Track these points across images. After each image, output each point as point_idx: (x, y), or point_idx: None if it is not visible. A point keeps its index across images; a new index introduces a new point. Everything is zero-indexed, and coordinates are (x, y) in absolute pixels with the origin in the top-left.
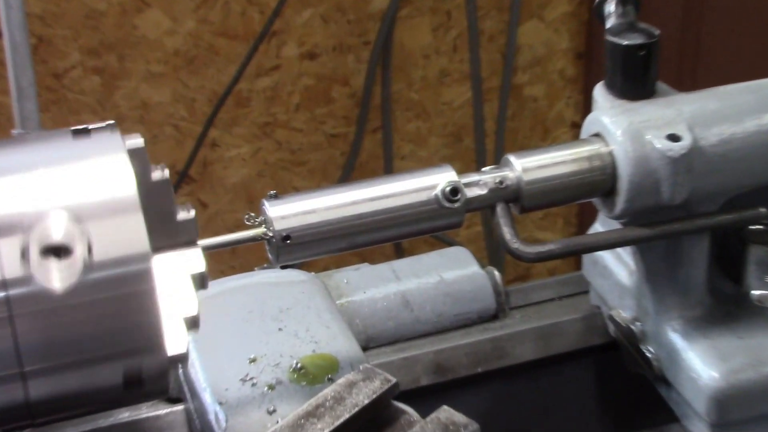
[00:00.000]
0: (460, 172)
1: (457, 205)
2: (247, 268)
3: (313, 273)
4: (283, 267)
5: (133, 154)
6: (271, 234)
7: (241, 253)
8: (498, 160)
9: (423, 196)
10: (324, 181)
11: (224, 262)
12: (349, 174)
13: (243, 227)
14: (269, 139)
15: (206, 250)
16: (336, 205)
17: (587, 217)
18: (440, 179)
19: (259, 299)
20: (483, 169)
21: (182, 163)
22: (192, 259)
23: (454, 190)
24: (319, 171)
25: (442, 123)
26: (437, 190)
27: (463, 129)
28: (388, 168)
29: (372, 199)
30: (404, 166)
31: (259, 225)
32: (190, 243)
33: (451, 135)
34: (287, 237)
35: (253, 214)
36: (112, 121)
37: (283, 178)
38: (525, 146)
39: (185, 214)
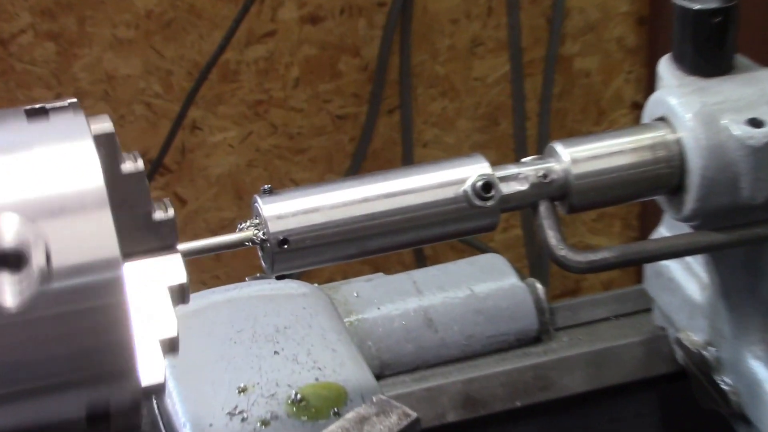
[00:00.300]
0: (495, 163)
1: (490, 203)
2: (235, 278)
3: (316, 284)
4: (280, 277)
5: (101, 140)
6: (264, 237)
7: (228, 260)
8: (541, 149)
9: (449, 193)
10: (329, 173)
11: (207, 270)
12: (359, 164)
13: (229, 228)
14: (262, 121)
15: (186, 256)
16: (344, 202)
17: (650, 219)
18: (470, 172)
19: (250, 316)
20: (523, 159)
21: (156, 149)
22: (170, 268)
23: (488, 186)
24: (324, 160)
25: (474, 102)
26: (467, 185)
27: (499, 110)
28: (408, 157)
29: (387, 196)
30: (427, 155)
31: (251, 226)
32: (168, 248)
33: (485, 117)
34: (284, 241)
35: (245, 223)
36: (73, 99)
37: (280, 168)
38: (575, 132)
39: (162, 214)
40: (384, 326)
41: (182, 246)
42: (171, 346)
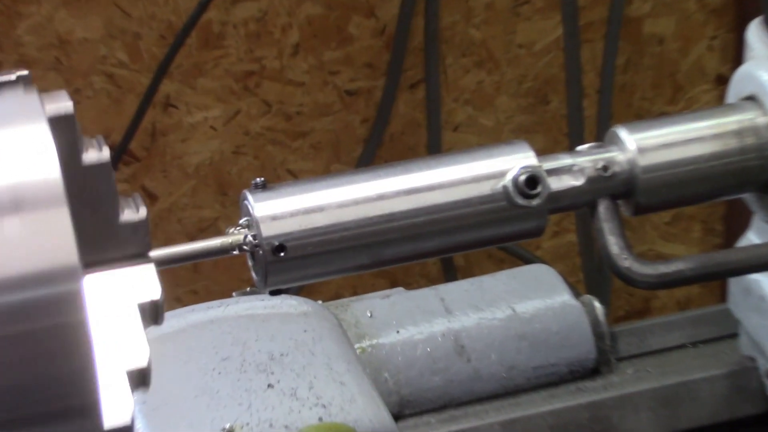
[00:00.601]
0: (544, 151)
1: (536, 202)
2: (217, 293)
3: (320, 302)
4: (275, 292)
5: (58, 123)
6: (255, 242)
7: (209, 271)
8: (601, 135)
9: (486, 189)
10: (336, 163)
11: (183, 284)
12: (373, 152)
13: (211, 231)
14: (252, 97)
15: (158, 265)
16: (354, 199)
17: (737, 222)
18: (512, 163)
19: (238, 340)
20: (578, 147)
21: (120, 132)
22: (141, 281)
23: (533, 180)
24: (329, 147)
25: (517, 75)
26: (507, 180)
27: (550, 85)
28: (434, 144)
29: (409, 192)
30: (458, 141)
31: (238, 229)
32: (139, 256)
33: (531, 94)
34: (280, 247)
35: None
36: (24, 72)
37: (275, 157)
38: (643, 113)
39: (132, 214)
40: (404, 354)
41: (153, 253)
42: (140, 379)
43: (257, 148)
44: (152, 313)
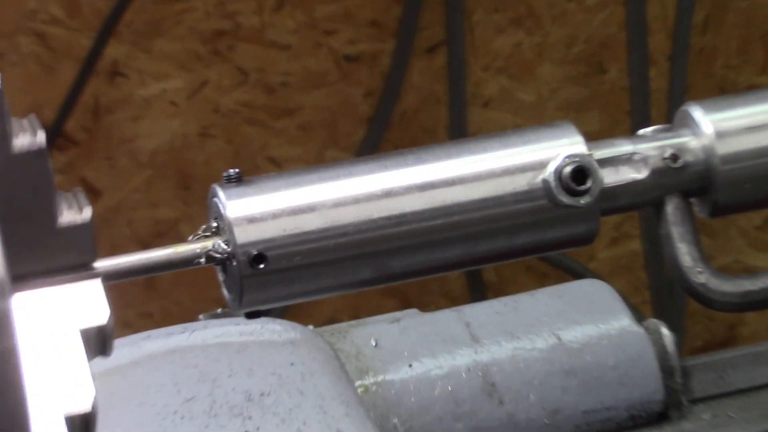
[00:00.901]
0: (598, 134)
1: (585, 200)
2: (178, 317)
3: (311, 327)
4: (252, 315)
5: None
6: (228, 251)
7: (167, 288)
8: (671, 114)
9: (522, 183)
10: (331, 149)
11: (133, 304)
12: (379, 135)
13: (171, 236)
14: (224, 63)
15: (105, 280)
16: (354, 197)
17: None
18: (555, 150)
19: (206, 376)
20: (640, 131)
21: (53, 108)
22: (84, 300)
23: (581, 172)
24: (323, 128)
25: (565, 37)
26: (549, 172)
27: (606, 50)
28: (457, 124)
29: (423, 188)
30: (488, 121)
31: (206, 234)
32: (81, 268)
33: (583, 60)
34: (260, 257)
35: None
36: None
37: (253, 141)
38: (727, 86)
39: (74, 215)
40: (419, 394)
41: (98, 264)
42: (83, 427)
43: (230, 129)
44: (98, 342)
